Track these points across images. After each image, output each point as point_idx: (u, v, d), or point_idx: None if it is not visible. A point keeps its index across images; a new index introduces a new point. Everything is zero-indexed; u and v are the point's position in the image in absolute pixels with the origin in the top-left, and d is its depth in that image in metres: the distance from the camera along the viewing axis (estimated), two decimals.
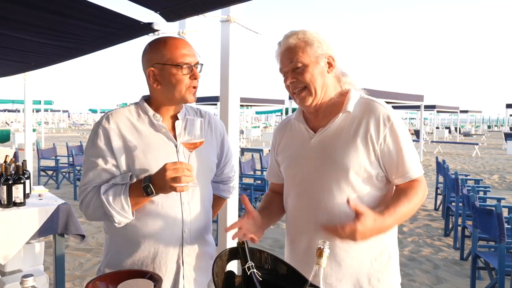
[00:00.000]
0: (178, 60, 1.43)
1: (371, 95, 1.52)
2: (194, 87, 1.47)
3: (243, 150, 12.05)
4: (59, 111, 41.58)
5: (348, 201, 1.25)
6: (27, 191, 2.95)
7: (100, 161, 1.43)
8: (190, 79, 1.45)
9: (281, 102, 18.68)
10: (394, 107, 1.47)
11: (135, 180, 1.42)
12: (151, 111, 1.49)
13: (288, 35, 1.44)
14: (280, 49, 1.46)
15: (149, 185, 1.34)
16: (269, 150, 1.77)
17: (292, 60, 1.40)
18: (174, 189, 1.30)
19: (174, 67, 1.43)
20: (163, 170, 1.30)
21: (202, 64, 1.49)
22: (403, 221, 1.39)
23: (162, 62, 1.43)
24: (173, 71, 1.43)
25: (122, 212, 1.37)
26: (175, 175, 1.28)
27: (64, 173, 9.14)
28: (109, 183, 1.41)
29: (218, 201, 1.78)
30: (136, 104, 1.54)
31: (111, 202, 1.37)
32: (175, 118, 1.53)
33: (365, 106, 1.43)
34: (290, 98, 13.67)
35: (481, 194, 5.58)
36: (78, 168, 8.01)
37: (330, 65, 1.44)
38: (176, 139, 1.49)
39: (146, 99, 1.54)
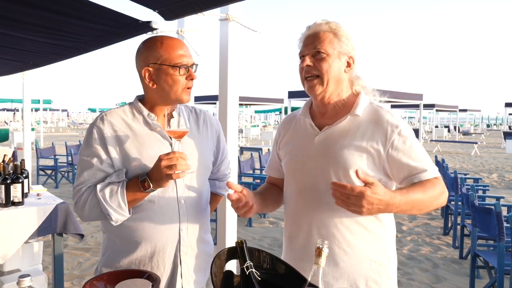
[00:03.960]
0: (176, 60, 1.42)
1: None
2: (189, 88, 1.48)
3: (242, 149, 12.01)
4: (58, 110, 41.52)
5: (357, 173, 1.22)
6: (26, 190, 2.94)
7: (95, 161, 1.42)
8: (186, 79, 1.45)
9: (280, 101, 18.70)
10: (393, 106, 1.47)
11: (130, 176, 1.42)
12: (145, 111, 1.49)
13: (321, 22, 1.43)
14: (307, 32, 1.45)
15: (146, 178, 1.35)
16: (268, 149, 1.76)
17: (316, 46, 1.40)
18: (170, 177, 1.31)
19: (171, 67, 1.42)
20: (158, 161, 1.32)
21: (197, 65, 1.49)
22: (415, 211, 1.32)
23: (158, 62, 1.43)
24: (170, 71, 1.42)
25: (119, 209, 1.37)
26: (169, 163, 1.29)
27: (63, 173, 9.13)
28: (104, 182, 1.41)
29: (214, 198, 1.79)
30: (130, 104, 1.53)
31: (107, 200, 1.36)
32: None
33: (374, 113, 1.42)
34: (289, 97, 13.65)
35: (480, 193, 5.59)
36: None
37: (348, 65, 1.45)
38: (171, 137, 1.49)
39: (140, 98, 1.54)
